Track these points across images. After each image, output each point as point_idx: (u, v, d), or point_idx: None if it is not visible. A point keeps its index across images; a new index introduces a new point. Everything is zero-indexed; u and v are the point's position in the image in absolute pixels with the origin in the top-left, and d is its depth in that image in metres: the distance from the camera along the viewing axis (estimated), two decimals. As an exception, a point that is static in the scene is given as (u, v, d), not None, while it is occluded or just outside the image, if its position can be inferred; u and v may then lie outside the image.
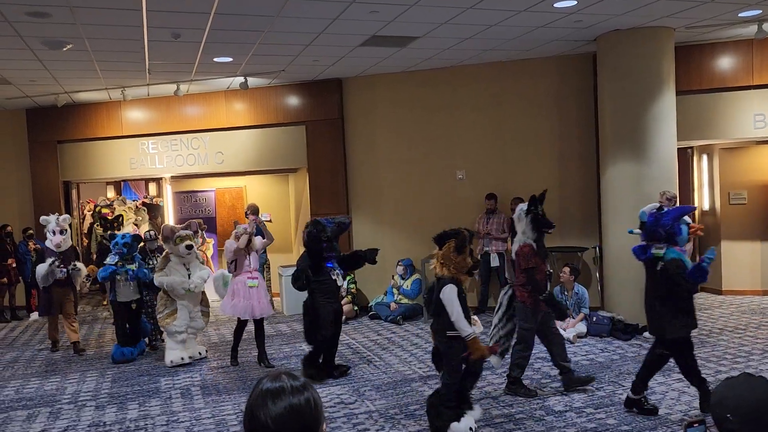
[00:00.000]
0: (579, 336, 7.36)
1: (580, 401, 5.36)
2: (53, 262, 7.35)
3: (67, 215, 7.82)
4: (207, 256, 11.21)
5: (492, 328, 5.60)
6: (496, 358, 5.44)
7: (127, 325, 7.37)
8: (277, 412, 1.42)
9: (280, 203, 11.46)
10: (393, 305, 8.89)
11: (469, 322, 4.67)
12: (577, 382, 5.63)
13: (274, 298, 10.14)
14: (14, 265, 10.06)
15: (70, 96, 9.84)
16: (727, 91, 8.61)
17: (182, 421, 5.30)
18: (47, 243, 7.59)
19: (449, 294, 4.58)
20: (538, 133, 9.07)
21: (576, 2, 6.34)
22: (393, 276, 9.29)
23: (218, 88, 9.95)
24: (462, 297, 4.64)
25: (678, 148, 8.14)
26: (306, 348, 6.70)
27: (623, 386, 5.62)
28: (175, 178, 11.55)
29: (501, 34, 7.46)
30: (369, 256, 6.51)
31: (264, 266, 9.85)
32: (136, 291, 7.35)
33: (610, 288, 8.10)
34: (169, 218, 12.01)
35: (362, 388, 5.96)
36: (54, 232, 7.47)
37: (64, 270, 7.46)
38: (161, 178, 12.08)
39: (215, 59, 7.97)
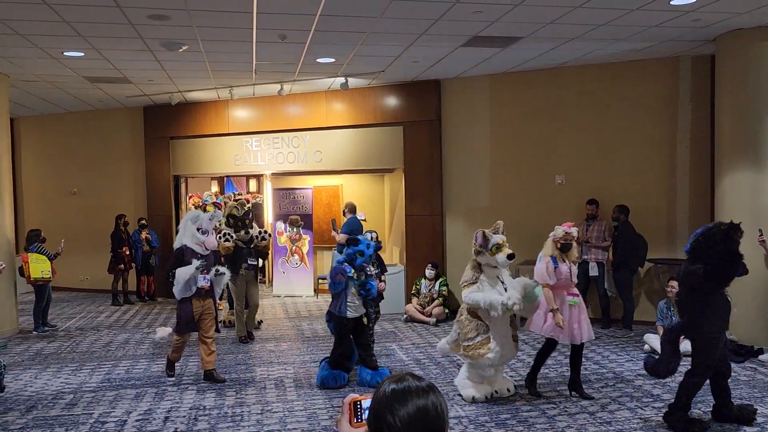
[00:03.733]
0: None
1: (686, 425, 5.01)
2: (198, 267, 6.13)
3: (219, 211, 6.51)
4: (302, 253, 11.53)
5: None
6: None
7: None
8: (405, 413, 1.42)
9: (375, 203, 11.57)
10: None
11: None
12: None
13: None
14: (128, 252, 10.80)
15: (183, 95, 10.44)
16: None
17: (275, 412, 5.46)
18: (190, 243, 6.28)
19: None
20: (647, 138, 8.60)
21: (695, 0, 5.95)
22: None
23: (319, 88, 10.20)
24: None
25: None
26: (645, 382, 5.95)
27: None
28: (275, 175, 11.97)
29: (610, 34, 7.15)
30: None
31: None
32: (362, 304, 6.28)
33: (722, 305, 7.53)
34: (269, 214, 12.46)
35: (452, 392, 5.89)
36: (205, 232, 6.28)
37: (207, 278, 6.22)
38: (262, 175, 12.55)
39: (318, 60, 8.17)
